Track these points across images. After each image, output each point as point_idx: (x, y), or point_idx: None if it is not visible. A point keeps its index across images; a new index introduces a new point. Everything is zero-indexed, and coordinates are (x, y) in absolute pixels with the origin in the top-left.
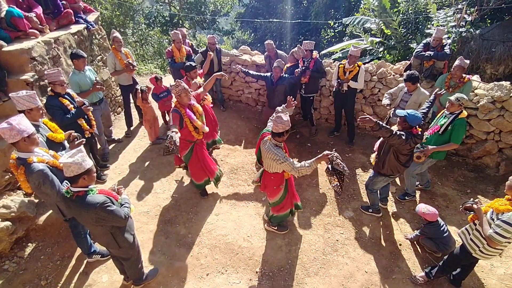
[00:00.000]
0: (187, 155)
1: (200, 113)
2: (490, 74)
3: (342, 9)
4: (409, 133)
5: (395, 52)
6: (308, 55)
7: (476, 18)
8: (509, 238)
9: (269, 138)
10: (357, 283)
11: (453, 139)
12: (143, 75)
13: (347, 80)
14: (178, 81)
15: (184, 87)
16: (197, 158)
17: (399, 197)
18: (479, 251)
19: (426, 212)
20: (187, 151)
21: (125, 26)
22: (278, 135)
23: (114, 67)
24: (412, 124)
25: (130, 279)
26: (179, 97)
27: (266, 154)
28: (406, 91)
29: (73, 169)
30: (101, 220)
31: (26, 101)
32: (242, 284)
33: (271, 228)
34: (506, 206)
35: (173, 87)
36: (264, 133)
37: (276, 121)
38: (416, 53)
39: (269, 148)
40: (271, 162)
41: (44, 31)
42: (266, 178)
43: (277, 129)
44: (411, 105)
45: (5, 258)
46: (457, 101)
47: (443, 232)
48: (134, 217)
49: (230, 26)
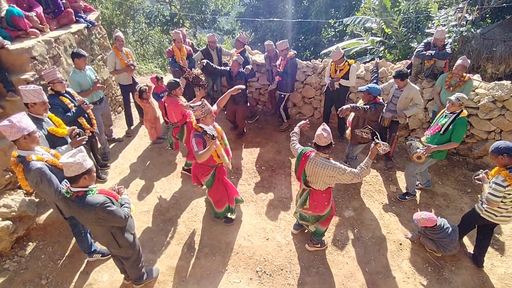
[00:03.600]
0: (209, 181)
1: (221, 134)
2: (491, 73)
3: (343, 8)
4: (375, 103)
5: (396, 51)
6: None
7: (477, 17)
8: (502, 197)
9: (317, 154)
10: (357, 282)
11: (454, 138)
12: (144, 74)
13: (337, 78)
14: (204, 101)
15: (210, 108)
16: (220, 184)
17: (399, 196)
18: (485, 210)
19: (424, 220)
20: (208, 177)
21: (125, 26)
22: (325, 148)
23: (114, 66)
24: (375, 94)
25: (130, 279)
26: (204, 119)
27: (322, 171)
28: (397, 87)
29: (74, 169)
30: (101, 220)
31: (31, 95)
32: (243, 283)
33: (315, 247)
34: (496, 171)
35: (197, 108)
36: (306, 152)
37: (319, 134)
38: (417, 53)
39: (324, 164)
40: (329, 178)
41: (45, 31)
42: (317, 197)
43: (325, 141)
44: (402, 100)
45: (6, 257)
46: (457, 100)
47: (445, 234)
48: (134, 216)
49: (231, 26)
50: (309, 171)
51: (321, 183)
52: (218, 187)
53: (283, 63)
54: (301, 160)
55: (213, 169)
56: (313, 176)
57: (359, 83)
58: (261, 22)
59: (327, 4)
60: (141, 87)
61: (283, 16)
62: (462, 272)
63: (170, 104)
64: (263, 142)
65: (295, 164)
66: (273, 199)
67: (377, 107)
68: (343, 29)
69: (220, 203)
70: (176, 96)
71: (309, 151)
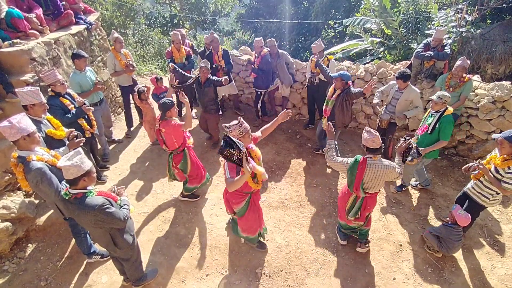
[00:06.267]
0: (243, 209)
1: (259, 158)
2: (490, 74)
3: (343, 9)
4: (348, 88)
5: (395, 52)
6: (259, 52)
7: (477, 18)
8: None
9: (375, 157)
10: (357, 283)
11: (442, 136)
12: (144, 75)
13: (317, 73)
14: (240, 119)
15: (247, 127)
16: (253, 211)
17: (396, 189)
18: (489, 201)
19: (462, 216)
20: (243, 204)
21: (125, 27)
22: (376, 150)
23: (114, 67)
24: (347, 80)
25: (129, 280)
26: (242, 139)
27: (383, 172)
28: (397, 88)
29: (72, 171)
30: (99, 222)
31: (29, 96)
32: (242, 284)
33: (366, 247)
34: (507, 161)
35: (234, 127)
36: (362, 159)
37: (369, 138)
38: (417, 53)
39: (385, 165)
40: (387, 178)
41: (44, 32)
42: (371, 200)
43: (378, 143)
44: (402, 102)
45: (5, 259)
46: (439, 99)
47: (459, 237)
48: (134, 217)
49: (231, 27)
50: (369, 176)
51: (378, 185)
52: (252, 215)
53: (258, 60)
54: (359, 168)
55: (249, 196)
56: (373, 180)
57: (358, 84)
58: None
59: (327, 5)
60: (139, 88)
61: (283, 17)
62: (462, 273)
63: (168, 128)
64: (262, 143)
65: (350, 175)
66: (273, 200)
67: (351, 91)
68: (343, 30)
69: (252, 229)
70: (171, 118)
71: (362, 157)
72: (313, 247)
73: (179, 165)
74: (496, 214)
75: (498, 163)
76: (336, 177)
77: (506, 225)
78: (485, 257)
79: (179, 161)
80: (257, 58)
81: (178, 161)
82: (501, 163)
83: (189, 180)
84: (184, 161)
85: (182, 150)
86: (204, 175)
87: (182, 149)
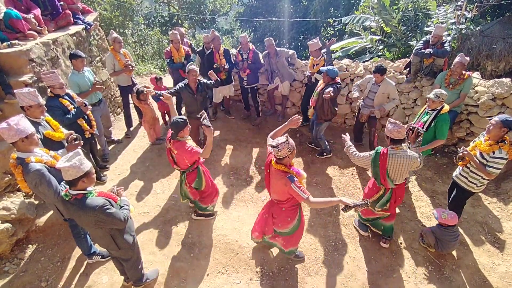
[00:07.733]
0: (296, 225)
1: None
2: (490, 71)
3: (342, 7)
4: (335, 82)
5: (395, 49)
6: (246, 48)
7: (476, 15)
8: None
9: (397, 148)
10: (358, 282)
11: (439, 135)
12: (143, 75)
13: (313, 72)
14: (287, 135)
15: (293, 143)
16: (303, 223)
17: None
18: (477, 187)
19: (447, 217)
20: (296, 220)
21: (124, 27)
22: (399, 141)
23: (113, 67)
24: (333, 76)
25: (130, 280)
26: (288, 158)
27: (407, 161)
28: (374, 82)
29: (71, 173)
30: (100, 222)
31: (26, 98)
32: (243, 284)
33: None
34: (492, 146)
35: (283, 145)
36: (383, 150)
37: (395, 129)
38: (416, 51)
39: (409, 156)
40: (410, 167)
41: (43, 33)
42: (399, 191)
43: (403, 133)
44: (379, 95)
45: (6, 260)
46: (436, 97)
47: (454, 238)
48: (134, 217)
49: (230, 26)
50: (393, 167)
51: (402, 175)
52: (302, 228)
53: (250, 56)
54: (381, 160)
55: (299, 207)
56: (397, 170)
57: None
58: (260, 22)
59: (326, 3)
60: (138, 88)
61: (282, 16)
62: (463, 270)
63: (182, 152)
64: (262, 142)
65: (374, 167)
66: None
67: (339, 86)
68: (342, 28)
69: (298, 241)
70: (184, 138)
71: (383, 149)
72: (313, 245)
73: (193, 184)
74: (496, 211)
75: (484, 148)
76: (336, 176)
77: (507, 222)
78: (485, 255)
79: (193, 180)
80: (248, 53)
81: (192, 180)
82: (487, 148)
83: (202, 199)
84: (198, 178)
85: (196, 168)
86: (218, 191)
87: (196, 167)
